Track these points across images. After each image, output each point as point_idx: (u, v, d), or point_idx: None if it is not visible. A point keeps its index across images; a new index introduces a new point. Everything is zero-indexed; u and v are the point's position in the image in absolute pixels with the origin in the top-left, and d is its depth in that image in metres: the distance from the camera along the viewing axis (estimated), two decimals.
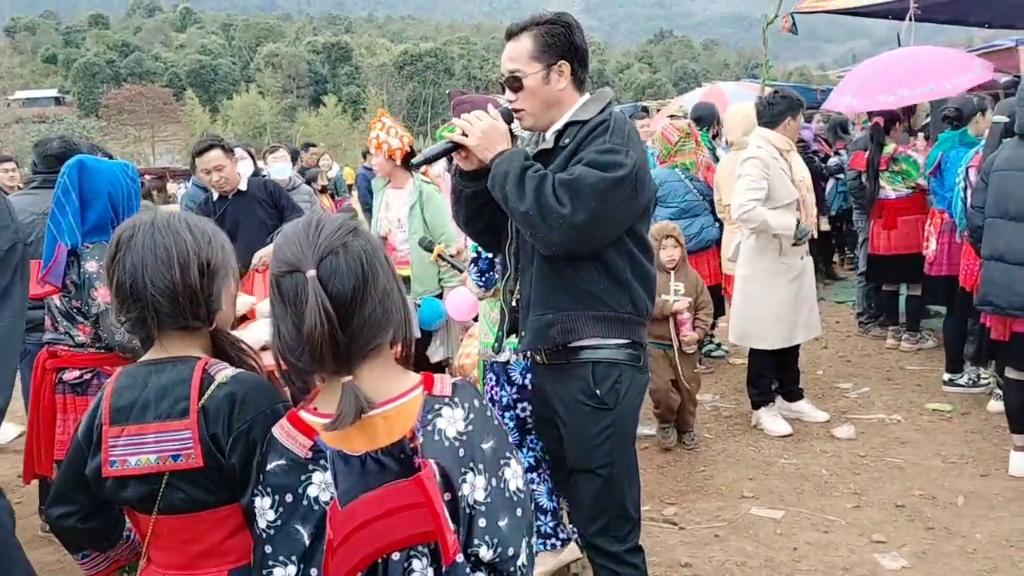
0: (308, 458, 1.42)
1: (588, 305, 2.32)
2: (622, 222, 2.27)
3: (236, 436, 1.54)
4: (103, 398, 1.62)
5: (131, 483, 1.57)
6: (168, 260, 1.60)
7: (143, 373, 1.62)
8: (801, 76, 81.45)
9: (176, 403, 1.56)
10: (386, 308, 1.44)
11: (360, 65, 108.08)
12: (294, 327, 1.39)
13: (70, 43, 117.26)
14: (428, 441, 1.42)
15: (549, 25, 2.31)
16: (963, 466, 4.26)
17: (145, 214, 1.68)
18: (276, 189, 4.95)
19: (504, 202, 2.25)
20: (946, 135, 5.37)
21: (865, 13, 8.57)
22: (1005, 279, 3.83)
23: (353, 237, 1.44)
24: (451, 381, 1.51)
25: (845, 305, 7.97)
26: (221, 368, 1.62)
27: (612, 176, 2.17)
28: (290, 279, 1.40)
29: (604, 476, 2.38)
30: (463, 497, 1.42)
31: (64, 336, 3.07)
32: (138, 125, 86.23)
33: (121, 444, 1.57)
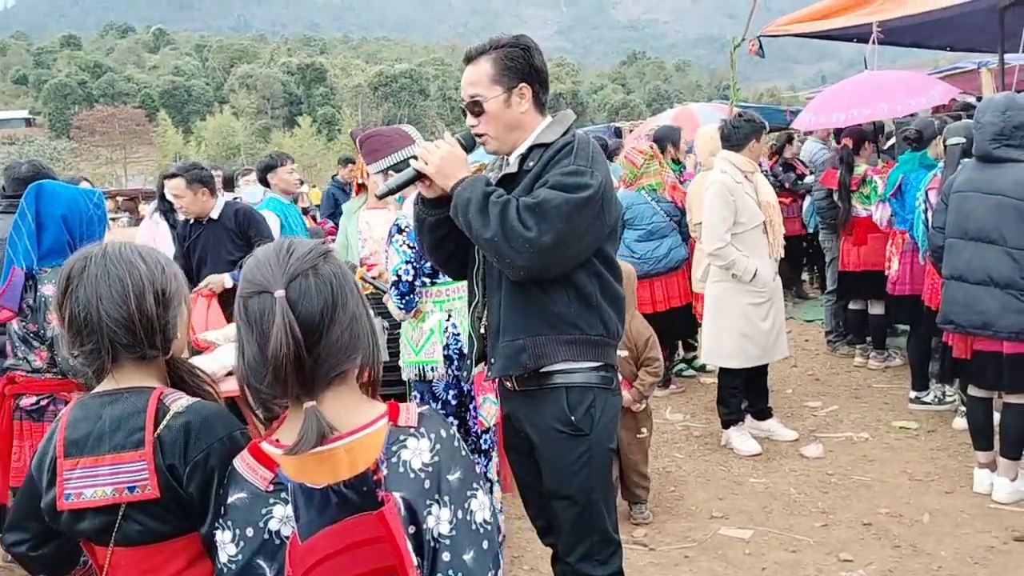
0: (269, 491, 1.40)
1: (559, 329, 2.30)
2: (590, 243, 2.26)
3: (193, 465, 1.52)
4: (57, 430, 1.59)
5: (87, 515, 1.55)
6: (123, 291, 1.58)
7: (97, 404, 1.60)
8: (772, 97, 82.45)
9: (131, 434, 1.54)
10: (354, 333, 1.43)
11: (335, 86, 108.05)
12: (259, 349, 1.38)
13: (41, 64, 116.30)
14: (392, 474, 1.39)
15: (508, 48, 2.32)
16: (929, 483, 4.30)
17: (95, 245, 1.66)
18: (245, 218, 4.91)
19: (468, 229, 2.23)
20: (906, 157, 5.46)
21: (830, 37, 8.72)
22: (966, 298, 3.89)
23: (324, 261, 1.43)
24: (417, 411, 1.48)
25: (814, 324, 8.04)
26: (176, 398, 1.60)
27: (577, 197, 2.16)
28: (257, 300, 1.39)
29: (583, 502, 2.35)
30: (427, 530, 1.39)
31: (22, 361, 3.03)
32: (110, 147, 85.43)
33: (76, 477, 1.54)
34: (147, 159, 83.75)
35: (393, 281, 3.41)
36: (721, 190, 4.65)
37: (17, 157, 22.94)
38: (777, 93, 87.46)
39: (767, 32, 8.48)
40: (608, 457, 2.43)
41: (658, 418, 5.55)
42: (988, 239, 3.85)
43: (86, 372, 1.64)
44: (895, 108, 6.56)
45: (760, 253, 4.76)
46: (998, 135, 3.85)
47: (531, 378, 2.36)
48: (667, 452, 4.97)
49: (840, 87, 7.57)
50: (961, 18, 7.04)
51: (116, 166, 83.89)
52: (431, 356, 3.48)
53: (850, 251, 6.22)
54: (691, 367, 6.62)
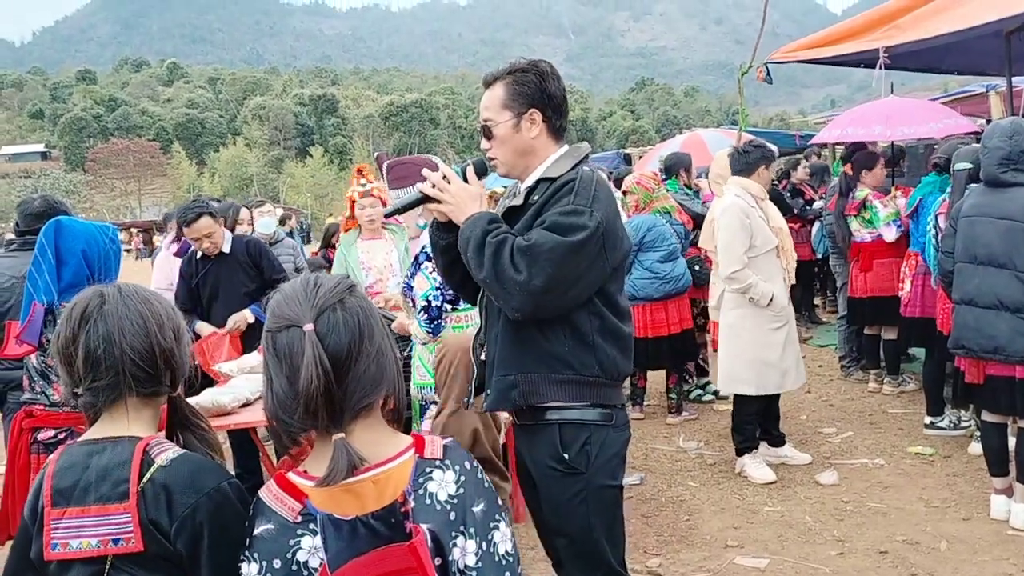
0: (297, 522, 1.40)
1: (552, 367, 2.25)
2: (590, 283, 2.22)
3: (181, 522, 1.50)
4: (44, 478, 1.58)
5: (75, 566, 1.53)
6: (144, 325, 1.61)
7: (84, 453, 1.59)
8: (781, 121, 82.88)
9: (116, 486, 1.52)
10: (380, 365, 1.45)
11: (346, 116, 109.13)
12: (288, 382, 1.40)
13: (57, 98, 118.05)
14: (420, 505, 1.41)
15: (520, 73, 2.31)
16: (946, 510, 4.27)
17: (106, 285, 1.68)
18: (257, 250, 4.94)
19: (468, 267, 2.23)
20: (928, 179, 5.42)
21: (837, 63, 8.74)
22: (976, 323, 3.88)
23: (350, 294, 1.46)
24: (442, 443, 1.51)
25: (828, 349, 8.02)
26: (162, 450, 1.58)
27: (571, 240, 2.12)
28: (286, 334, 1.41)
29: (583, 540, 2.30)
30: (453, 561, 1.41)
31: (40, 396, 3.05)
32: (125, 179, 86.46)
33: (63, 527, 1.53)
34: (161, 191, 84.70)
35: (423, 307, 3.46)
36: (737, 213, 4.67)
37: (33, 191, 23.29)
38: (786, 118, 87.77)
39: (774, 58, 8.50)
40: (611, 494, 2.35)
41: (671, 446, 5.54)
42: (997, 263, 3.85)
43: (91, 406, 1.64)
44: (915, 131, 6.68)
45: (774, 277, 4.77)
46: (1005, 159, 3.86)
47: (527, 413, 2.33)
48: (681, 480, 4.94)
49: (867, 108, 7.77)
50: (968, 42, 7.04)
51: (130, 198, 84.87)
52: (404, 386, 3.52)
53: (857, 277, 6.22)
54: (706, 392, 6.61)
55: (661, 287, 5.73)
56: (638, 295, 5.68)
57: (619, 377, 2.35)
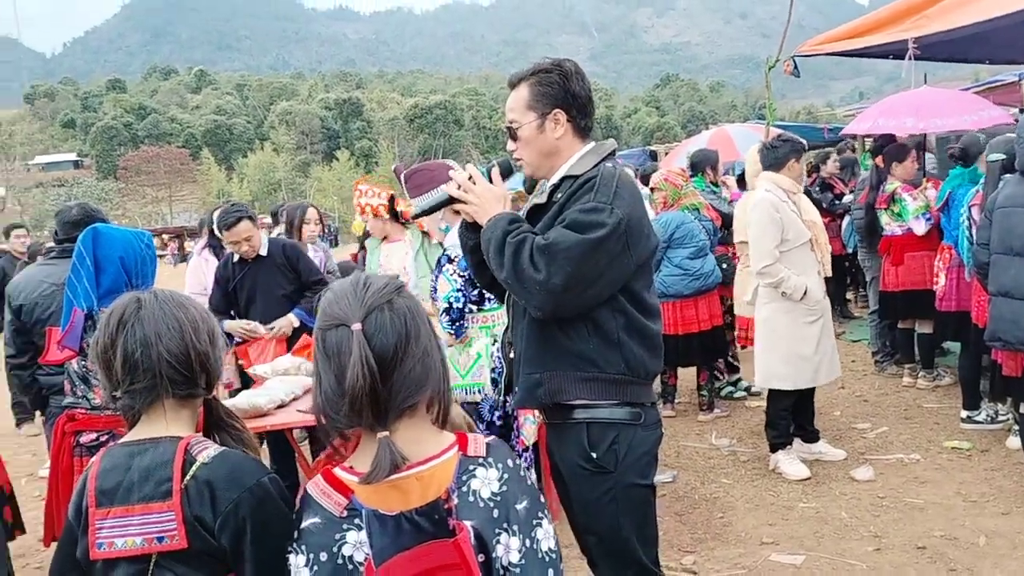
0: (343, 516, 1.43)
1: (576, 366, 2.24)
2: (612, 281, 2.20)
3: (224, 518, 1.54)
4: (88, 479, 1.62)
5: (121, 565, 1.57)
6: (180, 329, 1.65)
7: (126, 454, 1.63)
8: (809, 115, 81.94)
9: (159, 485, 1.56)
10: (426, 366, 1.47)
11: (372, 119, 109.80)
12: (336, 380, 1.42)
13: (88, 107, 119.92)
14: (463, 502, 1.43)
15: (544, 74, 2.30)
16: (984, 505, 4.21)
17: (141, 291, 1.72)
18: (294, 252, 4.98)
19: (491, 267, 2.24)
20: (956, 172, 5.39)
21: (865, 55, 8.64)
22: (1013, 315, 3.83)
23: (398, 295, 1.48)
24: (485, 440, 1.53)
25: (861, 344, 7.94)
26: (203, 448, 1.63)
27: (589, 238, 2.11)
28: (335, 333, 1.43)
29: (613, 539, 2.29)
30: (497, 558, 1.43)
31: (81, 399, 3.12)
32: (155, 186, 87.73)
33: (108, 526, 1.57)
34: (191, 197, 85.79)
35: (444, 308, 3.50)
36: (767, 207, 4.64)
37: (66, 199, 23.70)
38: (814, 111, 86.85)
39: (801, 52, 8.42)
40: (640, 493, 2.32)
41: (704, 443, 5.52)
42: None
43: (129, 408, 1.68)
44: (946, 123, 6.58)
45: (809, 270, 4.73)
46: None
47: (555, 411, 2.33)
48: (714, 478, 4.92)
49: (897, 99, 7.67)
50: (998, 31, 6.94)
51: (161, 205, 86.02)
52: (478, 379, 3.58)
53: (889, 271, 6.16)
54: (738, 389, 6.58)
55: (691, 284, 5.71)
56: (668, 292, 5.67)
57: (647, 375, 2.33)
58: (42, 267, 4.06)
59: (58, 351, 3.04)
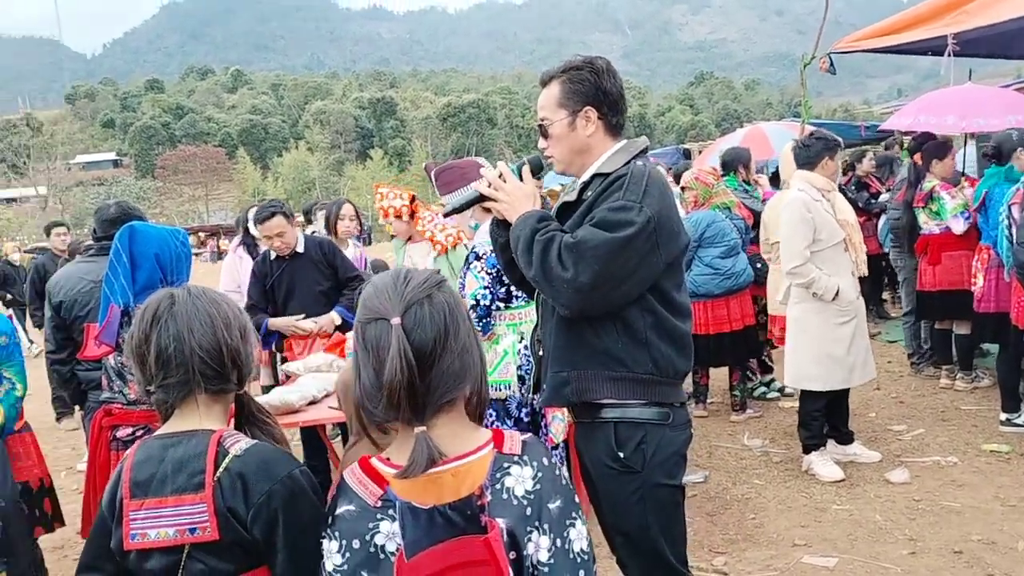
0: (377, 507, 1.44)
1: (605, 364, 2.23)
2: (641, 280, 2.19)
3: (256, 509, 1.56)
4: (123, 471, 1.65)
5: (154, 555, 1.60)
6: (212, 324, 1.68)
7: (160, 447, 1.65)
8: (846, 112, 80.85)
9: (192, 477, 1.59)
10: (464, 362, 1.47)
11: (405, 118, 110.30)
12: (374, 374, 1.43)
13: (127, 108, 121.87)
14: (496, 500, 1.44)
15: (575, 71, 2.30)
16: (1023, 509, 4.13)
17: (176, 287, 1.76)
18: (331, 249, 5.04)
19: (519, 265, 2.24)
20: (991, 171, 5.32)
21: (903, 51, 8.51)
22: None
23: (438, 290, 1.49)
24: (521, 438, 1.53)
25: (897, 345, 7.81)
26: (236, 440, 1.65)
27: (617, 236, 2.10)
28: (374, 326, 1.44)
29: (641, 539, 2.28)
30: (527, 556, 1.43)
31: (117, 394, 3.18)
32: (192, 184, 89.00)
33: (141, 517, 1.59)
34: (227, 195, 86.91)
35: (471, 305, 3.51)
36: (799, 207, 4.59)
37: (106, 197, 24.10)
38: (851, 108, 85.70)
39: (838, 48, 8.32)
40: (668, 493, 2.30)
41: (736, 443, 5.48)
42: None
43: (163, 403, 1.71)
44: (990, 123, 6.47)
45: (843, 271, 4.67)
46: None
47: (583, 410, 2.32)
48: (746, 479, 4.88)
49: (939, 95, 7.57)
50: None
51: (198, 203, 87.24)
52: (505, 376, 3.58)
53: (926, 271, 6.06)
54: (771, 390, 6.52)
55: (722, 283, 5.67)
56: (699, 291, 5.63)
57: (676, 375, 2.31)
58: (81, 264, 4.13)
59: (95, 347, 3.10)
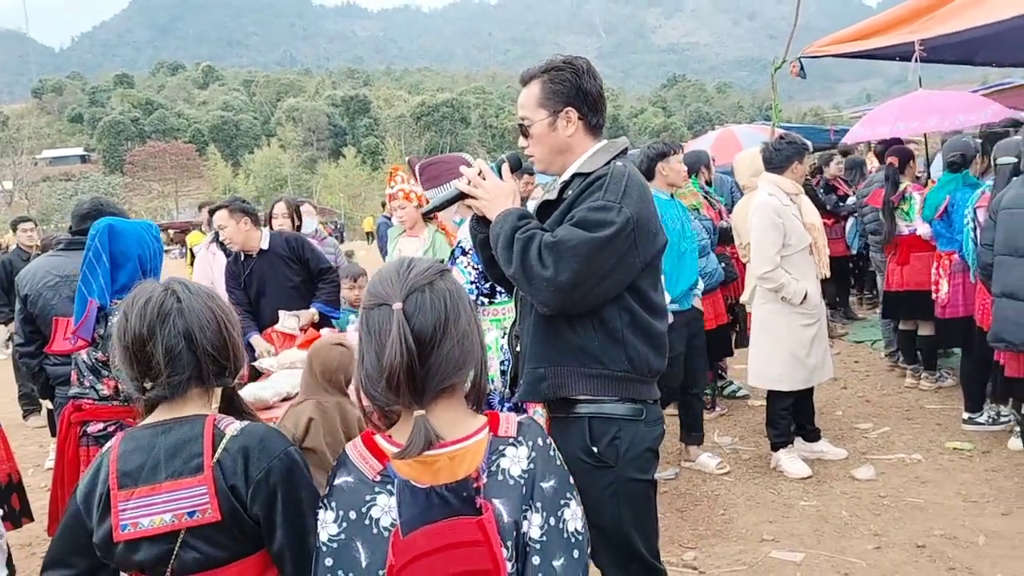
0: (376, 481, 1.49)
1: (581, 361, 2.26)
2: (619, 280, 2.21)
3: (256, 485, 1.59)
4: (106, 464, 1.63)
5: (143, 546, 1.58)
6: (214, 320, 1.71)
7: (148, 435, 1.65)
8: (815, 116, 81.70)
9: (189, 460, 1.59)
10: (464, 349, 1.51)
11: (378, 117, 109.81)
12: (376, 358, 1.47)
13: (96, 102, 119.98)
14: (492, 482, 1.48)
15: (556, 71, 2.31)
16: (984, 505, 4.23)
17: (166, 281, 1.75)
18: (298, 243, 5.04)
19: (499, 262, 2.26)
20: (947, 178, 5.38)
21: (872, 56, 8.66)
22: (1017, 316, 3.85)
23: (440, 278, 1.53)
24: (516, 420, 1.58)
25: (863, 345, 7.95)
26: (229, 422, 1.68)
27: (597, 236, 2.12)
28: (377, 312, 1.49)
29: (615, 533, 2.30)
30: (522, 534, 1.47)
31: (89, 390, 3.15)
32: (162, 181, 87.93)
33: (132, 507, 1.58)
34: (197, 192, 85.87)
35: None
36: (769, 212, 4.65)
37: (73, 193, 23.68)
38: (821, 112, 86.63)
39: (808, 53, 8.45)
40: (640, 487, 2.33)
41: (706, 441, 5.53)
42: None
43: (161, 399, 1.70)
44: (943, 123, 6.62)
45: (808, 274, 4.75)
46: None
47: (558, 405, 2.34)
48: (716, 475, 4.94)
49: (891, 103, 7.76)
50: (1006, 34, 6.95)
51: (168, 200, 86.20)
52: (488, 371, 3.59)
53: (894, 271, 6.17)
54: (723, 393, 6.59)
55: None
56: None
57: (651, 373, 2.33)
58: (50, 258, 4.11)
59: (64, 342, 3.08)
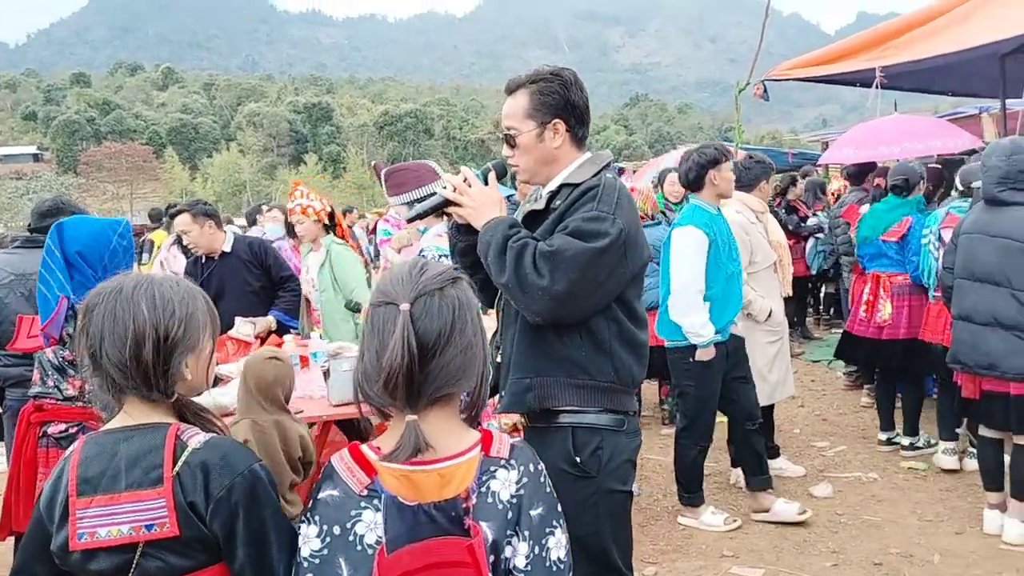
0: (362, 495, 1.44)
1: (568, 372, 2.25)
2: (609, 291, 2.23)
3: (216, 503, 1.51)
4: (67, 469, 1.57)
5: (100, 555, 1.51)
6: (124, 335, 1.55)
7: (111, 441, 1.57)
8: (773, 139, 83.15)
9: (149, 471, 1.51)
10: (467, 359, 1.48)
11: (341, 125, 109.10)
12: (376, 356, 1.44)
13: (51, 101, 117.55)
14: (481, 503, 1.45)
15: (544, 83, 2.30)
16: (939, 524, 4.31)
17: (116, 281, 1.63)
18: (261, 248, 4.98)
19: (488, 271, 2.24)
20: (897, 201, 5.34)
21: (833, 81, 8.87)
22: (972, 339, 3.94)
23: (452, 285, 1.50)
24: (509, 442, 1.54)
25: (820, 364, 8.08)
26: (193, 434, 1.58)
27: (593, 246, 2.13)
28: (384, 310, 1.46)
29: (593, 545, 2.27)
30: (505, 559, 1.45)
31: (52, 390, 3.06)
32: (117, 183, 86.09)
33: (90, 515, 1.51)
34: (153, 195, 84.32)
35: None
36: (736, 230, 4.68)
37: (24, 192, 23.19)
38: (779, 136, 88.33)
39: (772, 76, 8.61)
40: (620, 499, 2.34)
41: (666, 456, 5.55)
42: (994, 281, 3.91)
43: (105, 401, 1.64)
44: (916, 148, 6.87)
45: (773, 292, 4.82)
46: (1003, 178, 3.92)
47: (539, 416, 2.33)
48: (676, 490, 4.95)
49: (871, 126, 8.04)
50: (963, 64, 7.17)
51: (122, 202, 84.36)
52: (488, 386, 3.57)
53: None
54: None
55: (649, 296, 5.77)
56: None
57: (633, 384, 2.35)
58: (4, 256, 4.03)
59: (28, 340, 3.01)
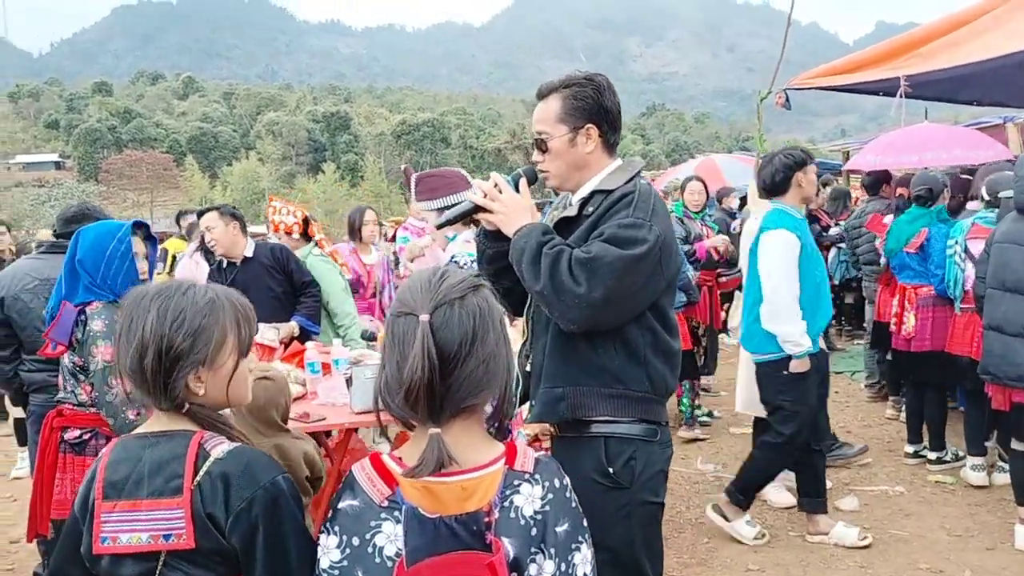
0: (383, 506, 1.41)
1: (602, 381, 2.21)
2: (645, 298, 2.19)
3: (237, 516, 1.47)
4: (97, 470, 1.56)
5: (127, 562, 1.50)
6: (133, 342, 1.55)
7: (138, 446, 1.56)
8: None
9: (170, 480, 1.49)
10: (489, 370, 1.44)
11: (359, 134, 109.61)
12: (397, 367, 1.41)
13: (73, 109, 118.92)
14: (504, 518, 1.41)
15: (577, 87, 2.26)
16: (969, 539, 4.22)
17: (148, 286, 1.63)
18: (284, 254, 4.97)
19: (522, 279, 2.19)
20: (918, 212, 5.30)
21: (856, 90, 8.77)
22: (1003, 350, 3.86)
23: (473, 293, 1.46)
24: (534, 455, 1.50)
25: (844, 375, 7.98)
26: (217, 443, 1.55)
27: (631, 253, 2.09)
28: (404, 321, 1.43)
29: (625, 556, 2.22)
30: None
31: (70, 395, 3.08)
32: (137, 190, 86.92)
33: (113, 520, 1.49)
34: (173, 203, 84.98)
35: None
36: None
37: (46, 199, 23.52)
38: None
39: (794, 84, 8.53)
40: (652, 510, 2.29)
41: (690, 468, 5.50)
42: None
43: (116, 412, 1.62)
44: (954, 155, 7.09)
45: None
46: None
47: (570, 425, 2.28)
48: (700, 503, 4.89)
49: (903, 133, 8.08)
50: (989, 73, 7.06)
51: (143, 209, 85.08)
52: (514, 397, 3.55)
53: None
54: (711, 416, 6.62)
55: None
56: None
57: (667, 393, 2.30)
58: (29, 261, 4.06)
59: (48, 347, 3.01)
